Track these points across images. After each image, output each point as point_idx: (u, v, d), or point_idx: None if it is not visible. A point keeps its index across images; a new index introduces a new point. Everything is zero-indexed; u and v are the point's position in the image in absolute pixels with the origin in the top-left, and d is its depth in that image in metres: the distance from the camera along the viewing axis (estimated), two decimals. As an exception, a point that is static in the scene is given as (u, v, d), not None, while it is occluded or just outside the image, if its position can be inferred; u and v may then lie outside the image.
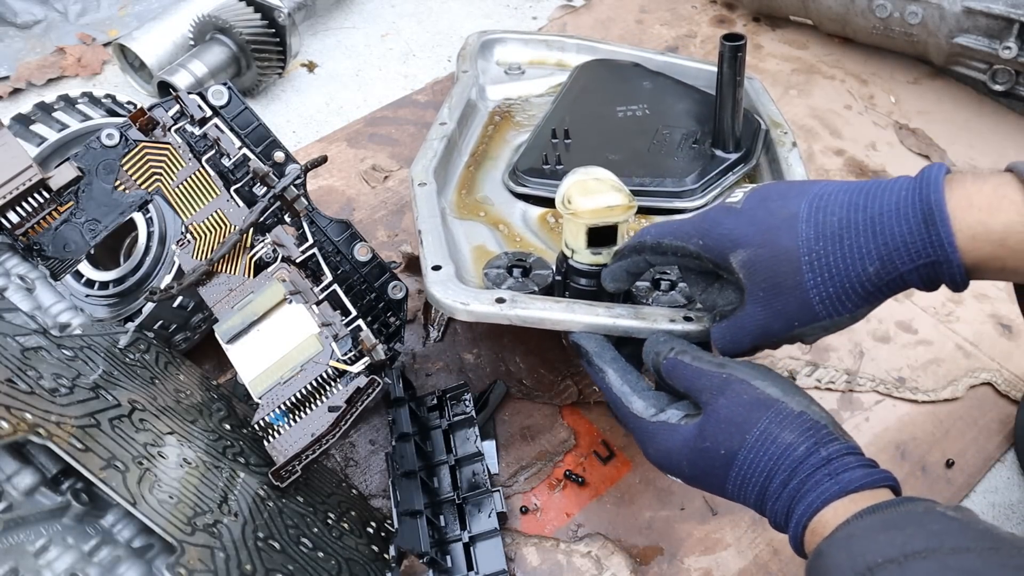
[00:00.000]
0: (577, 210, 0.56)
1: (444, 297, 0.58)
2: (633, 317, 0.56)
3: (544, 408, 0.73)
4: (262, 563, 0.47)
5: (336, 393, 0.56)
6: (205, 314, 0.69)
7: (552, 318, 0.57)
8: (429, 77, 1.08)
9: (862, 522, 0.40)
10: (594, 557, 0.64)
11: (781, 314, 0.47)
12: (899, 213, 0.43)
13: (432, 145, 0.76)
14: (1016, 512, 0.69)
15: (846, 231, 0.43)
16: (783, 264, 0.45)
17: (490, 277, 0.62)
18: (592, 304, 0.57)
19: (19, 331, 0.50)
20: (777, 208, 0.45)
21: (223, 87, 0.63)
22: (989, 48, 0.94)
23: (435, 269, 0.60)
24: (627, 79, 0.90)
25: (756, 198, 0.47)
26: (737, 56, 0.71)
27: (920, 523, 0.39)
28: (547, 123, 0.83)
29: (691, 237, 0.49)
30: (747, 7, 1.18)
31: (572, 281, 0.60)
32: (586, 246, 0.57)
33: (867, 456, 0.45)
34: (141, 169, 0.63)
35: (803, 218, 0.44)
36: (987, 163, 0.97)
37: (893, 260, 0.43)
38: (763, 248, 0.45)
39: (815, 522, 0.42)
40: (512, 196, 0.77)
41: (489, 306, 0.57)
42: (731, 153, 0.77)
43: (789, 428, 0.44)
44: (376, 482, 0.68)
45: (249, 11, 0.99)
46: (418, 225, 0.65)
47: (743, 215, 0.47)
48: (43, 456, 0.43)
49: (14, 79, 1.03)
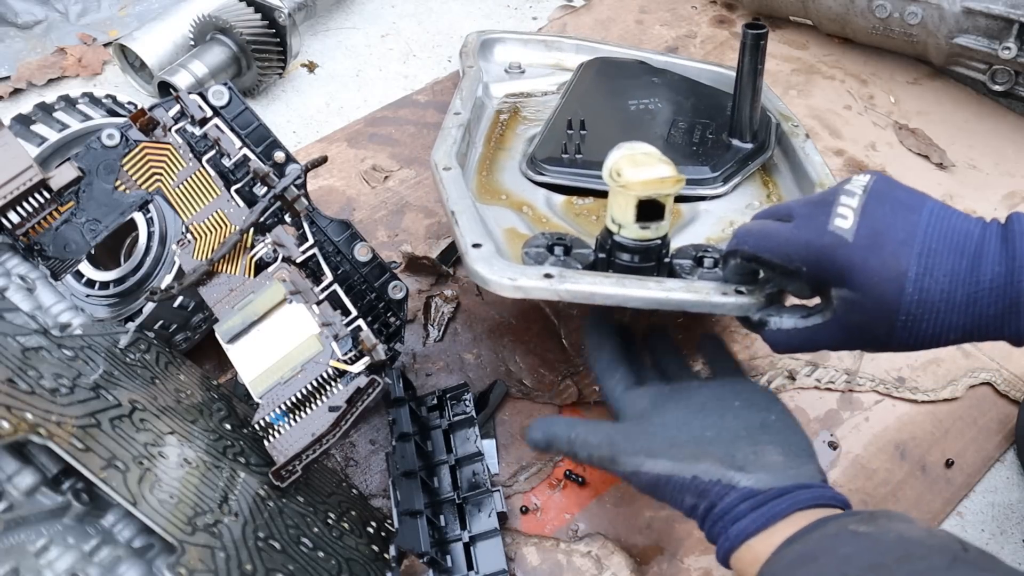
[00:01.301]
0: (628, 182, 0.54)
1: (490, 274, 0.55)
2: (685, 291, 0.55)
3: (544, 408, 0.73)
4: (262, 563, 0.48)
5: (336, 393, 0.56)
6: (205, 314, 0.69)
7: (603, 292, 0.54)
8: (429, 77, 1.08)
9: (781, 560, 0.43)
10: (594, 557, 0.64)
11: (857, 342, 0.49)
12: (992, 293, 0.44)
13: (451, 133, 0.75)
14: (1015, 512, 0.69)
15: (944, 304, 0.44)
16: (881, 315, 0.46)
17: (531, 256, 0.61)
18: (643, 278, 0.56)
19: (20, 331, 0.50)
20: (890, 257, 0.45)
21: (223, 87, 0.63)
22: (989, 48, 0.94)
23: (476, 247, 0.58)
24: (634, 75, 0.90)
25: (868, 231, 0.46)
26: (759, 44, 0.71)
27: (832, 550, 0.41)
28: (560, 114, 0.83)
29: (794, 260, 0.48)
30: (747, 7, 1.18)
31: (617, 258, 0.59)
32: (635, 220, 0.56)
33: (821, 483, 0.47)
34: (141, 169, 0.63)
35: (911, 279, 0.44)
36: (987, 163, 0.97)
37: (973, 334, 0.45)
38: (867, 298, 0.46)
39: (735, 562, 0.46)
40: (532, 185, 0.76)
41: (538, 281, 0.55)
42: (748, 143, 0.77)
43: (688, 494, 0.48)
44: (376, 482, 0.68)
45: (249, 11, 0.99)
46: (449, 207, 0.63)
47: (855, 252, 0.45)
48: (43, 456, 0.43)
49: (15, 79, 1.03)
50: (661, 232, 0.58)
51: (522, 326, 0.78)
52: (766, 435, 0.49)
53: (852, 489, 0.69)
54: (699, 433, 0.49)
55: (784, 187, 0.79)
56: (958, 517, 0.69)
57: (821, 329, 0.50)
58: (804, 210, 0.49)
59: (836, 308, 0.48)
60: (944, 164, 0.97)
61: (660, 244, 0.58)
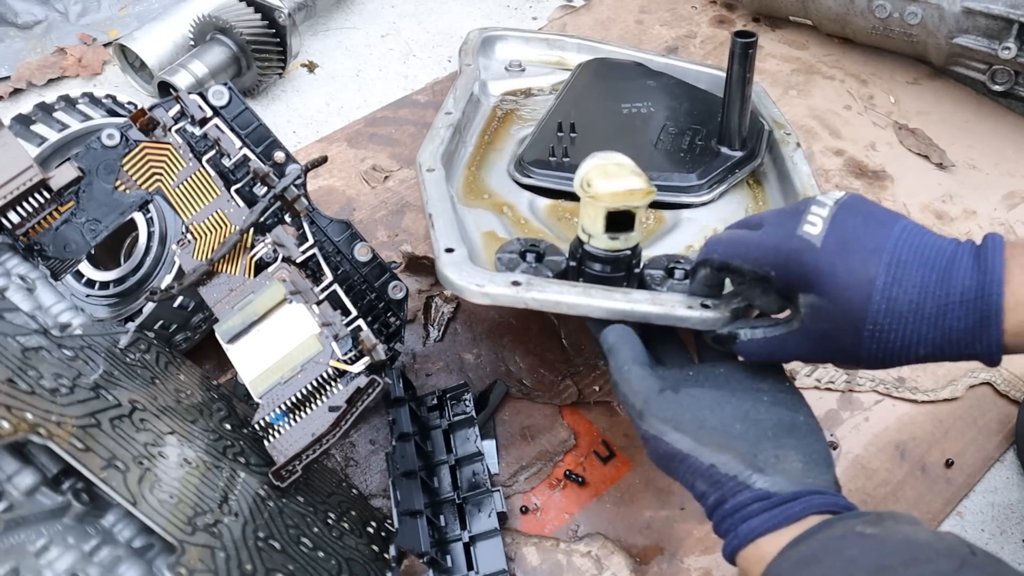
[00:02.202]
0: (597, 193, 0.55)
1: (458, 279, 0.57)
2: (650, 303, 0.55)
3: (544, 408, 0.73)
4: (262, 563, 0.48)
5: (336, 393, 0.56)
6: (205, 314, 0.69)
7: (568, 301, 0.55)
8: (429, 77, 1.08)
9: (787, 561, 0.42)
10: (594, 557, 0.64)
11: (826, 352, 0.48)
12: (963, 307, 0.44)
13: (439, 133, 0.76)
14: (1015, 512, 0.69)
15: (912, 315, 0.44)
16: (848, 323, 0.45)
17: (503, 261, 0.61)
18: (609, 289, 0.56)
19: (20, 331, 0.50)
20: (857, 264, 0.45)
21: (223, 87, 0.63)
22: (988, 48, 0.94)
23: (448, 251, 0.59)
24: (630, 77, 0.90)
25: (837, 238, 0.46)
26: (748, 53, 0.71)
27: (838, 551, 0.41)
28: (552, 117, 0.83)
29: (763, 265, 0.49)
30: (747, 7, 1.18)
31: (587, 267, 0.59)
32: (604, 231, 0.56)
33: (830, 491, 0.47)
34: (141, 169, 0.63)
35: (879, 287, 0.44)
36: (987, 163, 0.98)
37: (944, 350, 0.45)
38: (834, 304, 0.45)
39: (741, 560, 0.46)
40: (518, 187, 0.77)
41: (505, 288, 0.56)
42: (736, 151, 0.78)
43: (700, 480, 0.48)
44: (376, 482, 0.68)
45: (249, 11, 0.99)
46: (428, 209, 0.64)
47: (822, 257, 0.46)
48: (43, 456, 0.43)
49: (15, 79, 1.03)
50: (631, 243, 0.58)
51: (522, 326, 0.78)
52: (791, 439, 0.48)
53: (852, 489, 0.69)
54: (729, 422, 0.49)
55: (771, 196, 0.79)
56: (958, 517, 0.69)
57: (789, 338, 0.49)
58: (775, 218, 0.50)
59: (804, 316, 0.48)
60: (944, 164, 0.97)
61: (630, 254, 0.59)
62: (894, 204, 0.93)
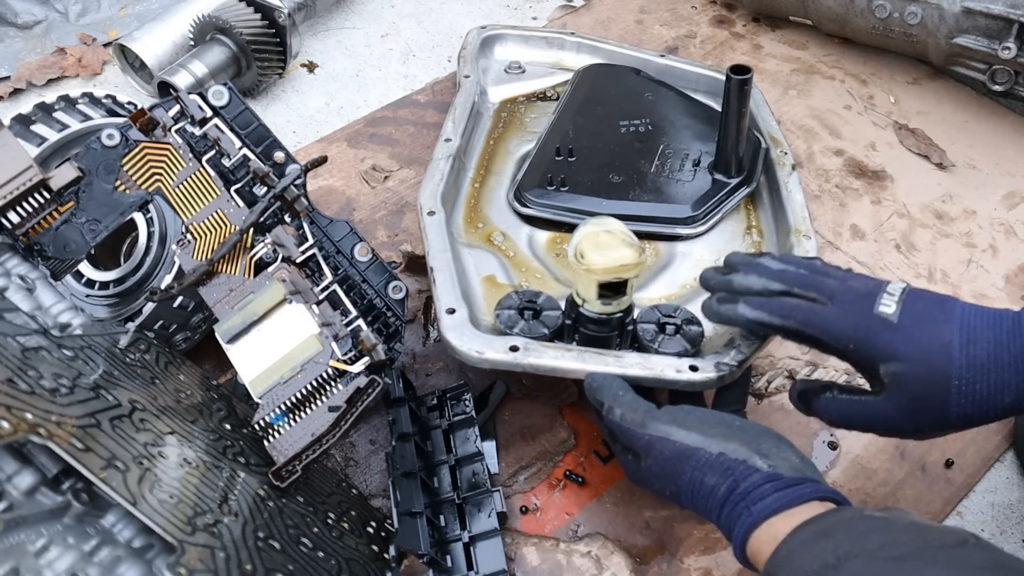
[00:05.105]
0: (590, 266, 0.58)
1: (460, 345, 0.61)
2: (641, 367, 0.59)
3: (544, 408, 0.73)
4: (262, 563, 0.48)
5: (336, 393, 0.56)
6: (205, 314, 0.69)
7: (564, 367, 0.60)
8: (429, 77, 1.08)
9: (798, 537, 0.45)
10: (594, 557, 0.64)
11: (915, 420, 0.51)
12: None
13: (438, 166, 0.77)
14: (1015, 512, 0.69)
15: (993, 365, 0.48)
16: (935, 385, 0.49)
17: (502, 319, 0.64)
18: (602, 354, 0.60)
19: (19, 331, 0.50)
20: (934, 332, 0.50)
21: (223, 87, 0.63)
22: (988, 48, 0.94)
23: (449, 313, 0.63)
24: (629, 89, 0.90)
25: (911, 315, 0.51)
26: (743, 89, 0.72)
27: (849, 528, 0.44)
28: (550, 137, 0.83)
29: (842, 340, 0.53)
30: (747, 7, 1.18)
31: (582, 326, 0.62)
32: (597, 297, 0.60)
33: (826, 485, 0.49)
34: (141, 169, 0.63)
35: (957, 347, 0.49)
36: (987, 163, 0.98)
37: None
38: (919, 368, 0.50)
39: (754, 540, 0.48)
40: (518, 218, 0.78)
41: (503, 354, 0.60)
42: (732, 178, 0.78)
43: (710, 472, 0.51)
44: (376, 482, 0.68)
45: (249, 11, 0.99)
46: (429, 261, 0.67)
47: (899, 332, 0.51)
48: (43, 456, 0.43)
49: (14, 79, 1.03)
50: (623, 306, 0.61)
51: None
52: (782, 442, 0.52)
53: (852, 489, 0.69)
54: (729, 421, 0.53)
55: (765, 222, 0.80)
56: (958, 517, 0.69)
57: (875, 404, 0.53)
58: (846, 297, 0.54)
59: (888, 385, 0.51)
60: (944, 164, 0.97)
61: (622, 315, 0.62)
62: (894, 204, 0.93)
